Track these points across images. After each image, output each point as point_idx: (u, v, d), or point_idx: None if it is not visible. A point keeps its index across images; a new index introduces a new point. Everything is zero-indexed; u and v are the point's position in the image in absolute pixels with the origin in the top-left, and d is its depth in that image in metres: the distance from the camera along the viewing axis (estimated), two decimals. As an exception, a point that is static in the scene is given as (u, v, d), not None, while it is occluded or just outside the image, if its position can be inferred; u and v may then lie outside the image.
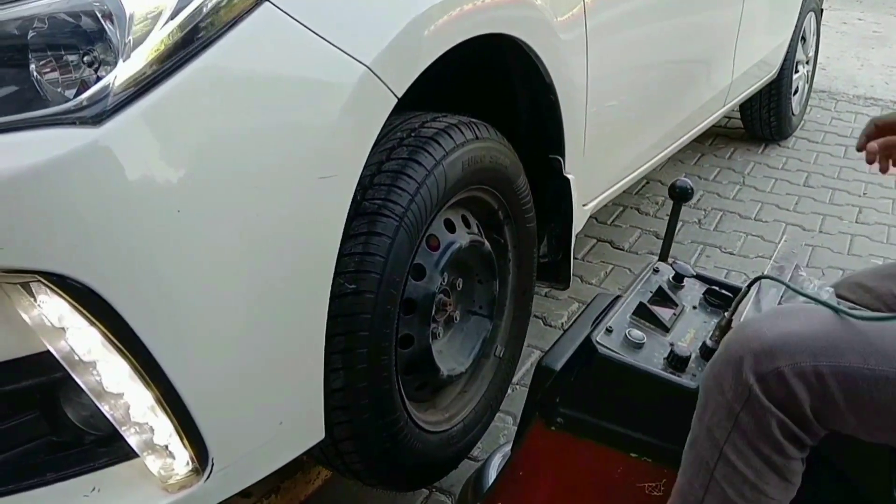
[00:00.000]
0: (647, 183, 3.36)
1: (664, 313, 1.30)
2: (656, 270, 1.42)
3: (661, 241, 1.53)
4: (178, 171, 0.98)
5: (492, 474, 1.41)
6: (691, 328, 1.31)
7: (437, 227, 1.44)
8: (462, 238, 1.48)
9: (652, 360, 1.21)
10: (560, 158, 1.74)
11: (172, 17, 0.99)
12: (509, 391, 1.87)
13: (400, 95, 1.20)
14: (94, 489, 1.03)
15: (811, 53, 4.07)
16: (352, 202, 1.18)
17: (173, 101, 0.98)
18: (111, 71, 0.96)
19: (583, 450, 1.24)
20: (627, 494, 1.18)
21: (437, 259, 1.43)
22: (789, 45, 3.56)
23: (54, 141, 0.91)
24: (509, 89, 1.71)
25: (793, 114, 3.88)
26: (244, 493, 1.53)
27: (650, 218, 3.06)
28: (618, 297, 1.37)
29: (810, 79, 4.16)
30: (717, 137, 3.95)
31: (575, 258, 2.78)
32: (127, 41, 0.96)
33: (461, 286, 1.55)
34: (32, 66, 0.98)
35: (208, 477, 1.07)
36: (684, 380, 1.18)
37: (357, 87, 1.13)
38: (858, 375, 0.96)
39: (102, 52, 0.99)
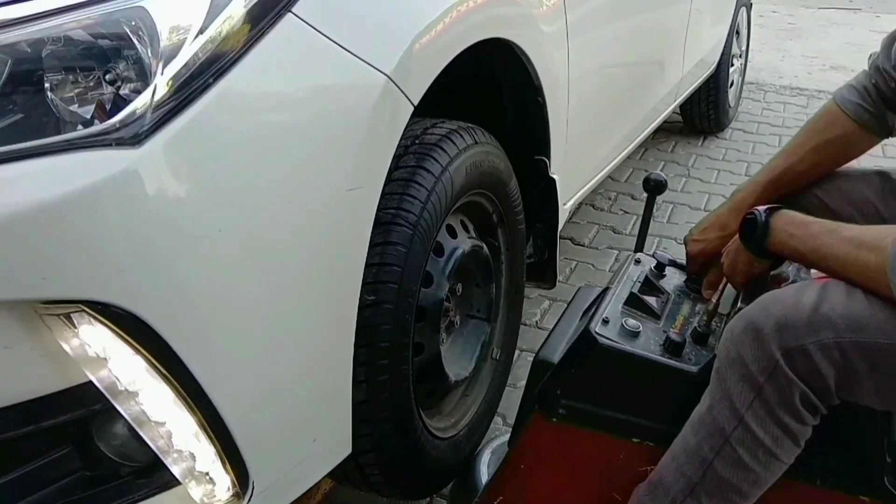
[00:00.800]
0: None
1: (652, 301, 1.35)
2: (637, 261, 1.48)
3: (636, 235, 1.58)
4: (217, 189, 0.96)
5: (482, 471, 1.44)
6: (680, 314, 1.37)
7: (440, 234, 1.44)
8: (464, 243, 1.48)
9: (649, 347, 1.26)
10: (546, 159, 1.76)
11: (201, 31, 0.96)
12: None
13: (416, 103, 1.20)
14: (137, 521, 0.99)
15: (744, 47, 4.21)
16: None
17: (208, 118, 0.95)
18: (142, 89, 0.93)
19: (585, 439, 1.28)
20: (630, 478, 1.22)
21: (443, 265, 1.43)
22: (726, 40, 3.68)
23: (92, 164, 0.88)
24: (494, 93, 1.72)
25: (729, 106, 4.01)
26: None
27: (605, 213, 3.12)
28: (606, 290, 1.41)
29: (743, 71, 4.30)
30: (658, 132, 4.05)
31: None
32: (159, 58, 0.93)
33: (460, 291, 1.56)
34: (47, 86, 0.94)
35: (249, 500, 1.05)
36: (685, 364, 1.23)
37: (380, 97, 1.12)
38: (880, 349, 1.02)
39: (125, 71, 0.96)
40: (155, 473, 1.01)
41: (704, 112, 3.87)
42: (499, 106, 1.74)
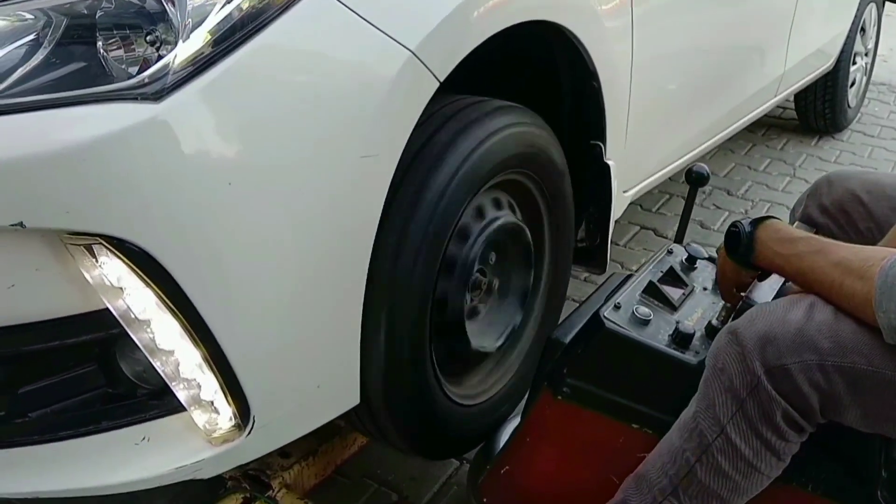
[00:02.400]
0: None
1: (673, 293, 1.36)
2: (670, 252, 1.48)
3: (681, 225, 1.56)
4: (231, 146, 1.05)
5: (502, 441, 1.48)
6: (699, 308, 1.36)
7: (484, 202, 1.49)
8: (506, 217, 1.52)
9: (657, 336, 1.27)
10: (601, 144, 1.77)
11: (229, 0, 1.05)
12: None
13: (442, 80, 1.25)
14: (144, 438, 1.11)
15: (870, 45, 3.99)
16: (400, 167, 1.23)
17: (228, 80, 1.04)
18: (171, 50, 1.03)
19: (587, 419, 1.31)
20: (628, 464, 1.23)
21: (481, 229, 1.47)
22: (847, 36, 3.51)
23: (117, 115, 0.99)
24: (555, 75, 1.74)
25: (849, 106, 3.83)
26: (283, 454, 1.62)
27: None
28: (629, 276, 1.42)
29: (869, 71, 4.08)
30: (769, 128, 3.91)
31: (616, 244, 2.82)
32: (187, 22, 1.03)
33: (494, 260, 1.59)
34: (100, 44, 1.06)
35: (249, 432, 1.15)
36: (686, 356, 1.23)
37: (401, 71, 1.18)
38: (864, 375, 1.00)
39: (164, 33, 1.06)
40: (165, 397, 1.13)
41: (820, 110, 3.71)
42: (559, 89, 1.77)
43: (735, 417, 1.05)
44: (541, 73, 1.75)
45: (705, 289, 1.43)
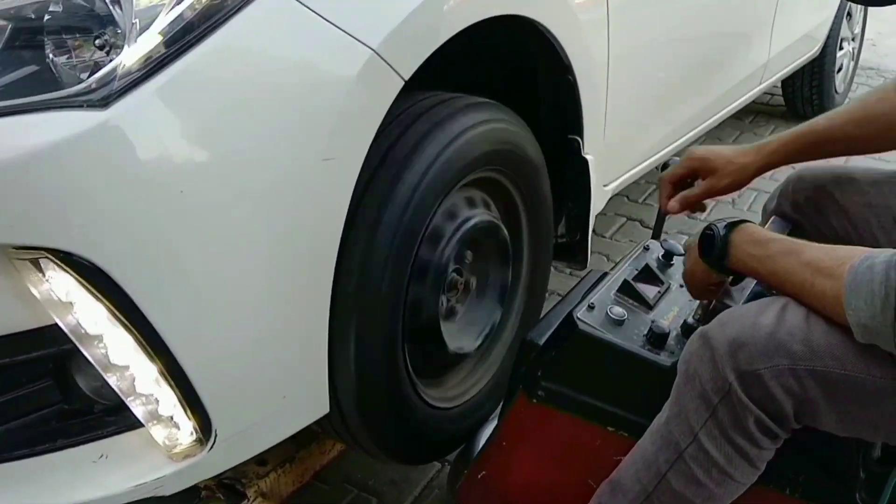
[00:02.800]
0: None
1: (649, 291, 1.33)
2: (647, 248, 1.46)
3: (658, 221, 1.53)
4: (183, 152, 1.01)
5: (480, 444, 1.46)
6: (675, 306, 1.33)
7: (457, 202, 1.46)
8: (480, 216, 1.49)
9: (632, 336, 1.24)
10: (579, 139, 1.73)
11: (179, 1, 1.01)
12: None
13: (407, 78, 1.21)
14: (102, 456, 1.08)
15: (857, 30, 3.96)
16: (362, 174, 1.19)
17: (180, 82, 1.00)
18: (120, 54, 0.99)
19: (562, 422, 1.29)
20: (604, 467, 1.21)
21: (453, 231, 1.43)
22: (833, 21, 3.47)
23: (63, 123, 0.95)
24: (532, 70, 1.71)
25: (836, 92, 3.80)
26: (260, 461, 1.59)
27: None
28: (605, 275, 1.39)
29: (856, 56, 4.05)
30: (757, 115, 3.88)
31: (602, 236, 2.79)
32: (133, 22, 0.99)
33: (470, 259, 1.56)
34: (48, 49, 1.02)
35: (212, 447, 1.12)
36: (661, 357, 1.21)
37: (363, 70, 1.14)
38: (837, 379, 0.97)
39: (112, 36, 1.02)
40: (122, 413, 1.09)
41: (807, 96, 3.69)
42: (536, 84, 1.73)
43: (707, 424, 1.02)
44: (517, 69, 1.71)
45: (682, 286, 1.40)
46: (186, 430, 1.11)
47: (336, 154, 1.14)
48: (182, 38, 1.01)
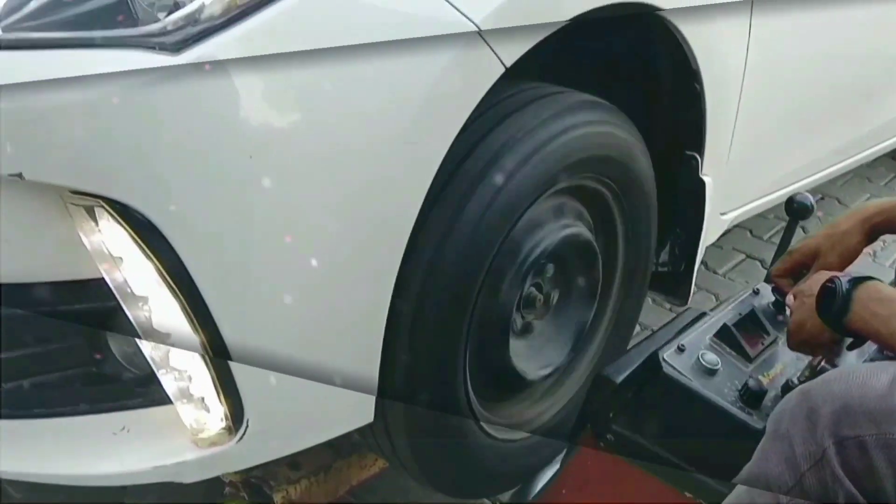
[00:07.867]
0: (822, 199, 3.27)
1: (751, 341, 1.32)
2: (756, 292, 1.44)
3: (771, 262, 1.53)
4: (256, 114, 1.08)
5: (538, 486, 1.47)
6: (780, 362, 1.33)
7: (542, 212, 1.49)
8: (573, 228, 1.52)
9: (722, 390, 1.24)
10: (698, 156, 1.74)
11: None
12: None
13: (509, 66, 1.25)
14: (123, 429, 1.15)
15: None
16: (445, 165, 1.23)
17: (262, 36, 1.06)
18: (207, -1, 1.06)
19: (630, 476, 1.29)
20: None
21: (541, 237, 1.47)
22: None
23: (132, 64, 1.01)
24: (653, 73, 1.72)
25: None
26: (292, 465, 1.65)
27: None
28: (703, 314, 1.39)
29: None
30: (920, 156, 3.79)
31: (714, 272, 2.78)
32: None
33: (557, 287, 1.59)
34: None
35: (241, 438, 1.17)
36: (752, 419, 1.21)
37: (462, 49, 1.18)
38: None
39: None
40: (152, 386, 1.16)
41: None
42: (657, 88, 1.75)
43: (791, 492, 1.02)
44: (636, 70, 1.73)
45: None
46: (217, 415, 1.17)
47: (419, 138, 1.19)
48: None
